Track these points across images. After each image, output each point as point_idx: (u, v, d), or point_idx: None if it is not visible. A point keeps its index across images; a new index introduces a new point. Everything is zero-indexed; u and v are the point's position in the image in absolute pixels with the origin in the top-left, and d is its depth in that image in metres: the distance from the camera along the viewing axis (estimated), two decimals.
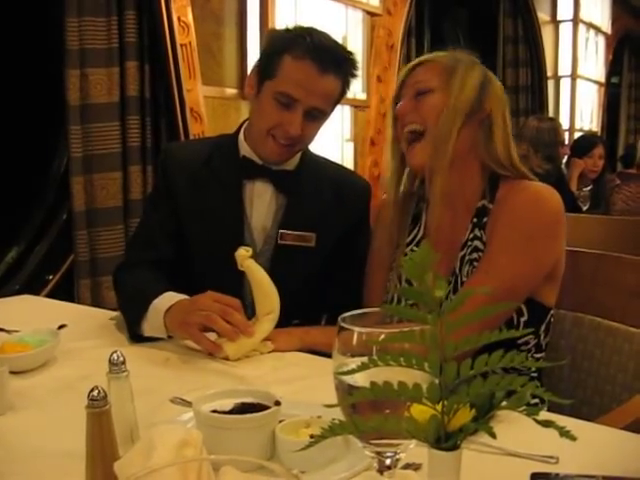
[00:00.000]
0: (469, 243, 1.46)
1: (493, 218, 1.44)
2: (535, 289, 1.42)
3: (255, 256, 1.53)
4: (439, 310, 0.56)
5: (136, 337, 1.53)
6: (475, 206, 1.48)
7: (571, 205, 4.05)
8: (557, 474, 0.88)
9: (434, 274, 0.55)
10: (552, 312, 1.48)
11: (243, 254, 1.43)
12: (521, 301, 1.40)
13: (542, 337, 1.47)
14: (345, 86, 1.64)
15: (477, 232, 1.45)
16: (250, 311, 1.53)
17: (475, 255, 1.44)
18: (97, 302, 2.77)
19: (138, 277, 1.63)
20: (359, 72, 1.68)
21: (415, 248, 1.55)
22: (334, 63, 1.58)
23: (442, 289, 0.55)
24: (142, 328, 1.52)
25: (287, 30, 1.65)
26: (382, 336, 0.66)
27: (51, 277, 2.93)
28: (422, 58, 1.57)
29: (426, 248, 0.55)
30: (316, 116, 1.61)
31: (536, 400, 1.33)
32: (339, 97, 1.65)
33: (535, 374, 1.48)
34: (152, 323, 1.49)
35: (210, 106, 3.17)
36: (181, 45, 2.99)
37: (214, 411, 0.97)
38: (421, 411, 0.61)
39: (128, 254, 1.80)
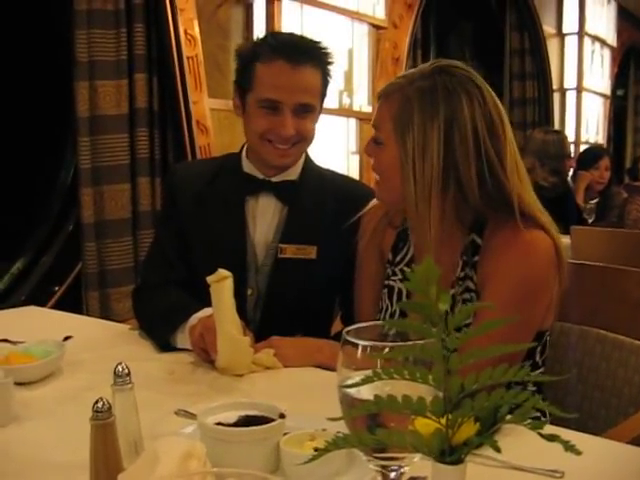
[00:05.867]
0: (460, 282, 1.37)
1: (484, 262, 1.35)
2: None
3: (255, 271, 1.62)
4: (443, 323, 0.56)
5: (164, 346, 1.56)
6: (465, 241, 1.38)
7: (577, 218, 4.04)
8: None
9: (438, 288, 0.55)
10: (547, 333, 1.44)
11: (210, 278, 1.41)
12: (521, 360, 1.32)
13: (538, 357, 1.43)
14: (326, 75, 1.63)
15: (468, 271, 1.36)
16: (252, 325, 1.55)
17: (467, 295, 1.36)
18: (106, 314, 2.78)
19: (170, 294, 1.66)
20: (334, 59, 1.65)
21: (406, 268, 1.48)
22: (305, 55, 1.57)
23: (445, 302, 0.55)
24: (175, 339, 1.55)
25: (252, 42, 1.66)
26: (386, 350, 0.66)
27: (57, 288, 2.94)
28: (387, 86, 1.40)
29: (429, 262, 0.55)
30: (305, 112, 1.60)
31: (538, 414, 1.32)
32: (323, 88, 1.63)
33: (534, 388, 1.45)
34: (188, 335, 1.50)
35: (216, 118, 3.19)
36: (188, 58, 3.01)
37: (218, 423, 0.97)
38: (425, 425, 0.60)
39: (146, 276, 1.82)
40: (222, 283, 1.38)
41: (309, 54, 1.58)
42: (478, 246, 1.36)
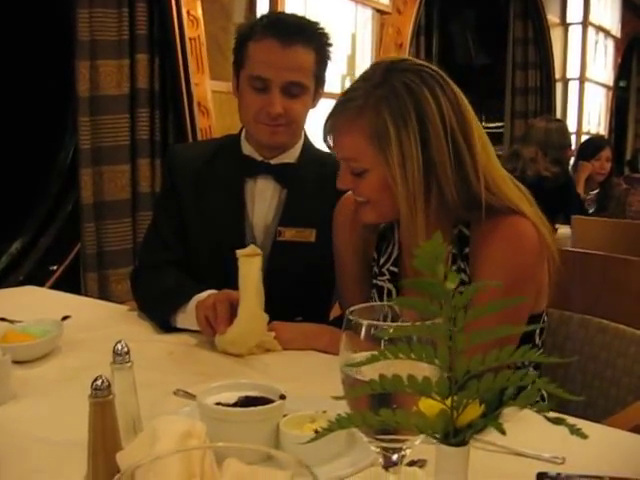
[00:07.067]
0: None
1: (473, 253, 1.33)
2: None
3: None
4: (450, 302, 0.55)
5: (164, 326, 1.57)
6: (452, 233, 1.34)
7: (578, 209, 4.03)
8: (563, 474, 0.87)
9: (446, 267, 0.54)
10: (544, 314, 1.43)
11: (241, 252, 1.41)
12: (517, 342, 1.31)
13: (537, 339, 1.43)
14: (321, 56, 1.62)
15: (460, 264, 1.34)
16: None
17: (461, 289, 1.33)
18: (104, 295, 2.77)
19: (171, 275, 1.66)
20: (331, 40, 1.64)
21: (393, 268, 1.45)
22: (296, 34, 1.57)
23: (453, 281, 0.54)
24: (176, 319, 1.55)
25: (248, 21, 1.67)
26: (391, 330, 0.66)
27: (55, 268, 2.93)
28: (340, 118, 1.30)
29: (438, 239, 0.54)
30: (296, 92, 1.59)
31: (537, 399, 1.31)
32: (317, 69, 1.62)
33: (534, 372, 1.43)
34: (191, 315, 1.50)
35: (217, 100, 3.17)
36: (190, 39, 2.98)
37: (218, 404, 0.96)
38: (429, 406, 0.60)
39: (144, 257, 1.81)
40: (251, 259, 1.40)
41: (301, 33, 1.58)
42: (467, 237, 1.34)
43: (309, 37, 1.59)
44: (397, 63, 1.30)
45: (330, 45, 1.64)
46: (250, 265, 1.39)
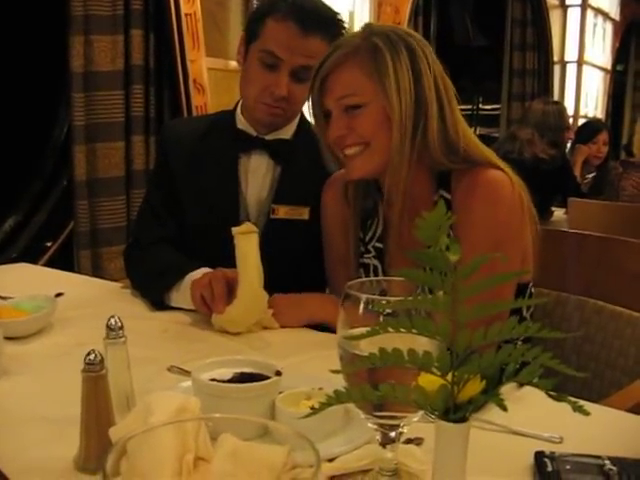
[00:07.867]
0: None
1: (455, 217, 1.31)
2: None
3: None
4: (453, 273, 0.53)
5: (157, 304, 1.55)
6: (433, 200, 1.36)
7: (575, 191, 4.02)
8: (561, 453, 0.87)
9: (450, 237, 0.53)
10: (531, 284, 1.43)
11: (237, 229, 1.40)
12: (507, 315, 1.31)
13: (525, 312, 1.43)
14: None
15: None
16: None
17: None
18: (97, 273, 2.75)
19: (165, 252, 1.65)
20: (346, 30, 1.63)
21: (378, 244, 1.46)
22: (317, 24, 1.55)
23: (456, 253, 0.53)
24: (170, 297, 1.53)
25: None
26: (391, 304, 0.64)
27: (49, 245, 2.91)
28: (337, 56, 1.33)
29: (441, 208, 0.53)
30: (303, 77, 1.57)
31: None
32: None
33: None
34: (185, 294, 1.49)
35: (213, 78, 3.13)
36: (186, 15, 2.94)
37: (213, 380, 0.95)
38: (429, 382, 0.59)
39: (138, 233, 1.79)
40: (248, 236, 1.38)
41: (322, 24, 1.56)
42: (448, 201, 1.34)
43: (329, 29, 1.57)
44: (376, 25, 1.40)
45: (344, 34, 1.62)
46: (247, 242, 1.38)
